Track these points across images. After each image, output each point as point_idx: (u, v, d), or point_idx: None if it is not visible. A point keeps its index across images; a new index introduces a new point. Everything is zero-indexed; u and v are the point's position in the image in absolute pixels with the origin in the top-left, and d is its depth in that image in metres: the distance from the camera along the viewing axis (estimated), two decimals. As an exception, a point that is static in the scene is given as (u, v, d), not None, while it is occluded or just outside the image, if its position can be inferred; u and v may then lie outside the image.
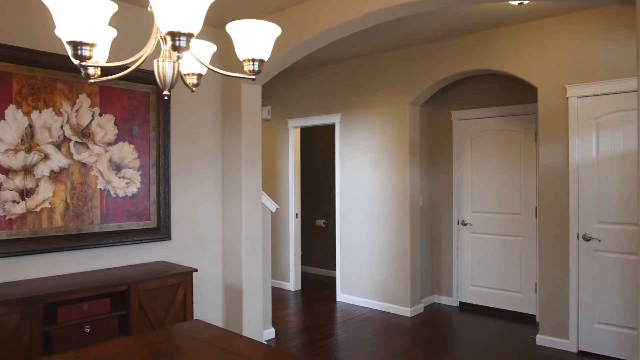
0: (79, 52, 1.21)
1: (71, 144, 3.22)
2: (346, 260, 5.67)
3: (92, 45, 1.22)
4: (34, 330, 2.59)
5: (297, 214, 6.25)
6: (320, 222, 7.24)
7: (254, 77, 1.50)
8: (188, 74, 1.70)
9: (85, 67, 1.44)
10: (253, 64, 1.48)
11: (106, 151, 3.39)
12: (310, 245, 7.42)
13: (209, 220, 4.01)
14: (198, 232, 3.93)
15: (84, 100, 3.28)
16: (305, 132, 7.35)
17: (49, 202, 3.11)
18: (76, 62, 1.29)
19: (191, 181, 3.90)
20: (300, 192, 6.42)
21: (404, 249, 5.14)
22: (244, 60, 1.49)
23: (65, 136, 3.19)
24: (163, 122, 3.69)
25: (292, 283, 6.23)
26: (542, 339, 4.22)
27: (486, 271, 5.24)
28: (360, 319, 5.04)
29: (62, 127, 3.17)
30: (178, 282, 3.24)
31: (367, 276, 5.47)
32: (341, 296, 5.72)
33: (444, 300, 5.57)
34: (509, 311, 5.08)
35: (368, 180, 5.47)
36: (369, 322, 4.92)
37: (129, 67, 1.45)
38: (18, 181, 2.98)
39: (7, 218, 2.94)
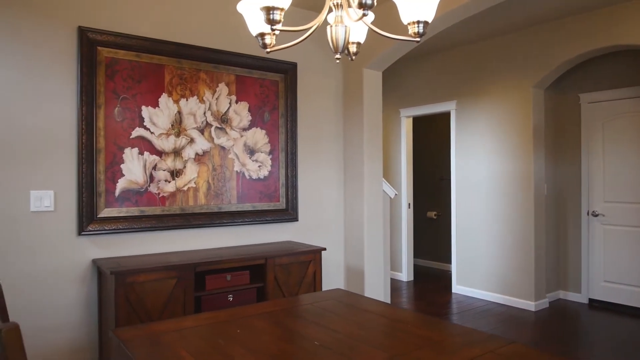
0: (271, 16, 1.33)
1: (212, 129, 3.49)
2: (463, 251, 5.53)
3: (282, 9, 1.34)
4: (188, 293, 2.86)
5: (409, 204, 6.21)
6: (432, 214, 7.13)
7: (418, 39, 1.54)
8: (350, 43, 1.78)
9: (263, 36, 1.56)
10: (418, 26, 1.51)
11: (241, 136, 3.63)
12: (421, 237, 7.33)
13: (331, 204, 4.14)
14: (322, 215, 4.07)
15: (222, 88, 3.54)
16: (417, 121, 7.27)
17: (194, 182, 3.41)
18: (265, 28, 1.41)
19: (315, 166, 4.05)
20: (412, 182, 6.36)
21: (528, 240, 4.89)
22: (408, 24, 1.53)
23: (207, 122, 3.47)
24: (290, 109, 3.86)
25: (405, 273, 6.20)
26: (694, 341, 3.80)
27: (621, 266, 4.82)
28: (480, 310, 4.88)
29: (204, 113, 3.46)
30: (309, 259, 3.39)
31: (485, 268, 5.29)
32: (457, 287, 5.59)
33: (571, 296, 5.22)
34: (650, 311, 4.64)
35: (487, 169, 5.28)
36: (490, 314, 4.75)
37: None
38: (169, 162, 3.30)
39: (160, 195, 3.26)
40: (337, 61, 1.54)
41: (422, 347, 1.60)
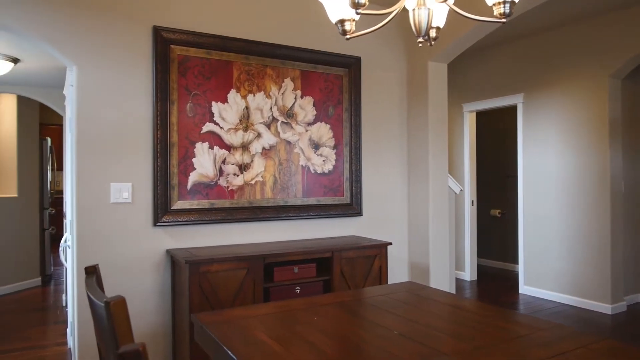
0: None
1: (278, 123, 3.54)
2: (531, 250, 5.31)
3: (367, -9, 1.32)
4: (257, 284, 2.91)
5: (472, 201, 6.04)
6: (496, 212, 6.90)
7: (504, 20, 1.48)
8: (430, 28, 1.74)
9: (343, 22, 1.56)
10: (504, 6, 1.46)
11: (306, 130, 3.66)
12: (484, 236, 7.10)
13: (395, 199, 4.09)
14: (385, 210, 4.03)
15: (288, 84, 3.58)
16: (479, 115, 7.05)
17: (261, 176, 3.47)
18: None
19: (379, 160, 4.01)
20: (476, 179, 6.18)
21: (604, 239, 4.62)
22: (493, 5, 1.47)
23: (273, 117, 3.52)
24: (354, 103, 3.85)
25: (468, 273, 6.03)
26: None
27: None
28: (551, 312, 4.67)
29: (271, 108, 3.51)
30: (374, 253, 3.36)
31: (556, 268, 5.05)
32: (524, 288, 5.37)
33: (652, 300, 4.89)
34: None
35: (558, 165, 5.04)
36: (561, 316, 4.53)
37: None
38: (238, 156, 3.38)
39: (229, 189, 3.35)
40: (420, 45, 1.51)
41: (508, 340, 1.54)
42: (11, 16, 2.71)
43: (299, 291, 3.09)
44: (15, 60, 4.12)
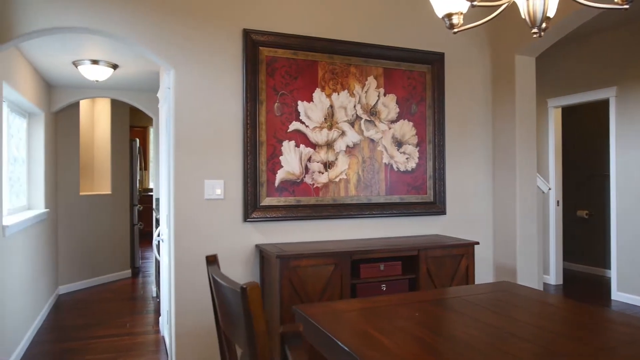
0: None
1: (361, 122, 3.56)
2: (626, 254, 4.97)
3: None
4: (344, 280, 2.94)
5: (558, 201, 5.75)
6: (583, 213, 6.52)
7: (627, 6, 1.41)
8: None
9: (450, 16, 1.54)
10: (629, -9, 1.38)
11: (389, 128, 3.65)
12: (570, 238, 6.74)
13: (479, 198, 3.98)
14: (469, 209, 3.94)
15: (371, 82, 3.59)
16: (564, 111, 6.70)
17: (345, 174, 3.50)
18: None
19: (462, 158, 3.92)
20: (561, 178, 5.88)
21: None
22: (616, -11, 1.40)
23: (357, 115, 3.54)
24: (437, 100, 3.79)
25: (553, 276, 5.75)
26: None
27: None
28: (649, 320, 4.34)
29: (354, 106, 3.53)
30: (461, 253, 3.29)
31: (654, 273, 4.69)
32: (617, 294, 5.04)
33: None
34: None
35: (656, 161, 4.69)
36: (662, 325, 4.21)
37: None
38: (322, 155, 3.43)
39: (314, 186, 3.41)
40: (535, 36, 1.47)
41: (632, 343, 1.46)
42: (118, 25, 2.92)
43: (384, 288, 3.09)
44: (114, 66, 4.43)
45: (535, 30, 1.44)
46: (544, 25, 1.66)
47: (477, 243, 3.35)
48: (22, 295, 3.81)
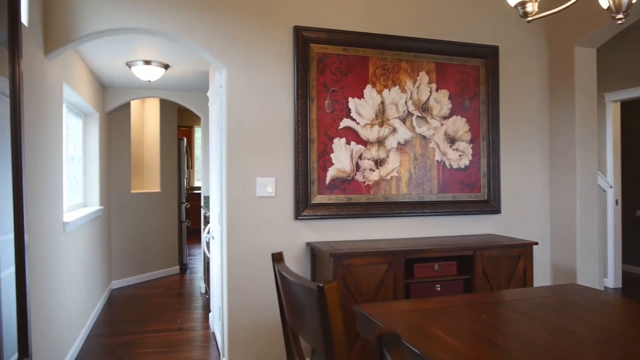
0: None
1: (413, 118, 3.48)
2: (691, 256, 4.68)
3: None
4: (398, 280, 2.89)
5: (616, 200, 5.48)
6: (643, 213, 6.19)
7: None
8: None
9: (524, 4, 1.47)
10: None
11: (442, 124, 3.55)
12: (629, 239, 6.40)
13: (535, 196, 3.83)
14: (525, 208, 3.79)
15: (423, 77, 3.51)
16: (623, 106, 6.37)
17: (396, 171, 3.43)
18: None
19: (517, 155, 3.78)
20: (620, 176, 5.60)
21: None
22: None
23: (408, 111, 3.47)
24: (492, 95, 3.67)
25: (611, 279, 5.48)
26: None
27: None
28: None
29: (406, 103, 3.46)
30: (519, 253, 3.17)
31: None
32: (684, 299, 4.74)
33: None
34: None
35: None
36: None
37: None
38: (373, 152, 3.38)
39: (365, 184, 3.36)
40: (619, 22, 1.37)
41: None
42: (172, 26, 2.96)
43: (439, 289, 3.01)
44: (166, 67, 4.52)
45: (620, 15, 1.34)
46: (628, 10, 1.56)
47: (536, 243, 3.22)
48: (80, 289, 3.94)
